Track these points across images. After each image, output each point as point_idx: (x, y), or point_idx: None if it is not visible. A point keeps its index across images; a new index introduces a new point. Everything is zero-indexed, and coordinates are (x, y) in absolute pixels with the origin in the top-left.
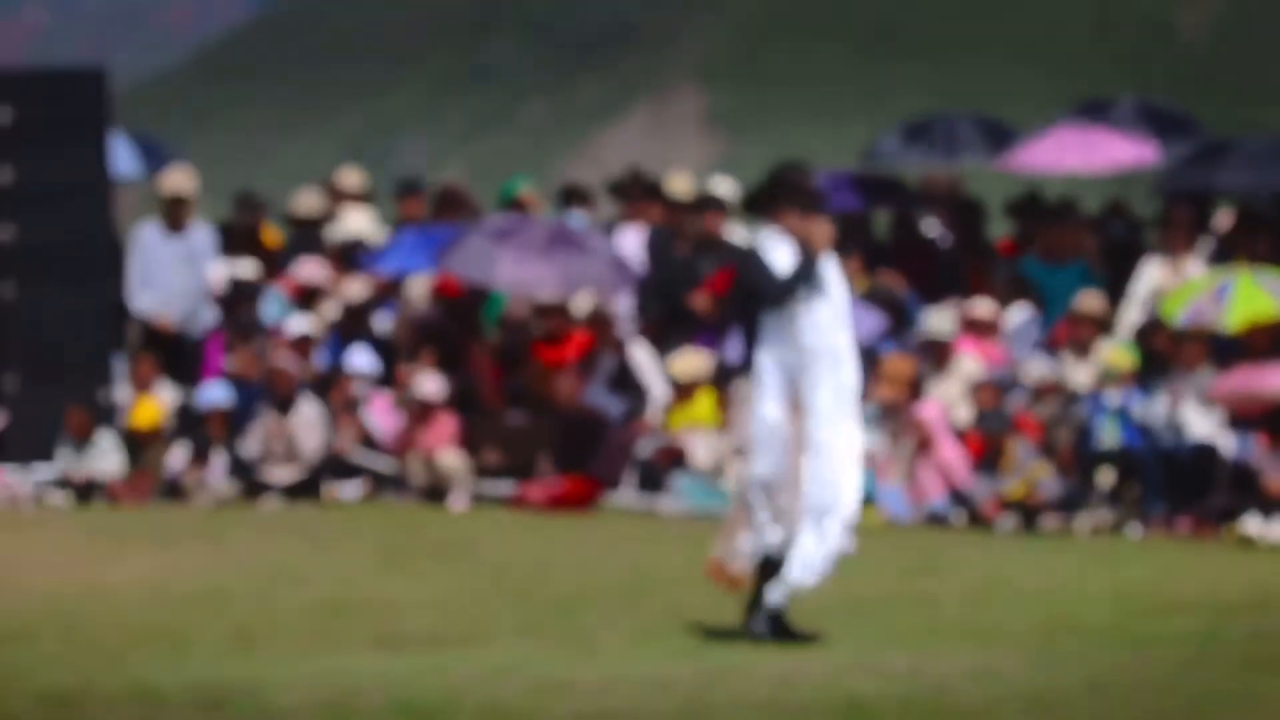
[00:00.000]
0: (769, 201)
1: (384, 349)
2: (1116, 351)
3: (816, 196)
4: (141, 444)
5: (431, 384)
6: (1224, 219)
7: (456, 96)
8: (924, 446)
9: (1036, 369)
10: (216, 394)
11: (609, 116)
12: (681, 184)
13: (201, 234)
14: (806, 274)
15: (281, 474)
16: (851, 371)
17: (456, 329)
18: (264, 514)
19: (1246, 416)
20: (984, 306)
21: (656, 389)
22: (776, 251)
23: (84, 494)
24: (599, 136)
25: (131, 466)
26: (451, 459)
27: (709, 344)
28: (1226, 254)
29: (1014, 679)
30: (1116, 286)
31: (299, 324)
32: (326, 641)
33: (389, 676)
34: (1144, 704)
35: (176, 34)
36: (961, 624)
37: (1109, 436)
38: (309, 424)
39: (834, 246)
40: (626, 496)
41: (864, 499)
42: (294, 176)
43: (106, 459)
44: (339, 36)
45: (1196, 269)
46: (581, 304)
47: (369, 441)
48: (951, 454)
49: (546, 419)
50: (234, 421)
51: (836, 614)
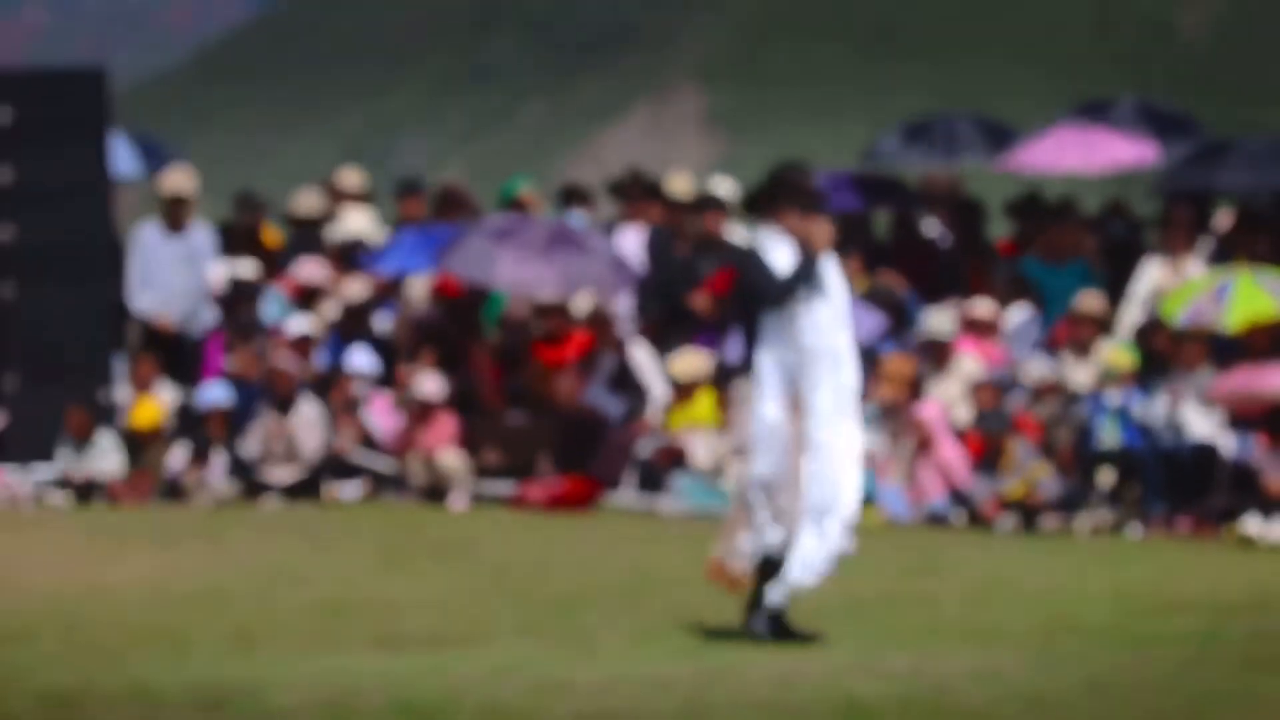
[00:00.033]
0: (769, 202)
1: (384, 349)
2: (1116, 351)
3: (817, 196)
4: (141, 444)
5: (431, 384)
6: (1224, 219)
7: (456, 96)
8: (924, 446)
9: (1036, 369)
10: (216, 394)
11: (609, 116)
12: (681, 184)
13: (201, 234)
14: (806, 274)
15: (281, 474)
16: (852, 372)
17: (456, 329)
18: (264, 514)
19: (1246, 416)
20: (984, 306)
21: (656, 389)
22: (776, 252)
23: (84, 494)
24: (599, 136)
25: (131, 466)
26: (451, 459)
27: (709, 344)
28: (1226, 254)
29: (1014, 679)
30: (1116, 286)
31: (299, 324)
32: (326, 641)
33: (389, 676)
34: (1144, 704)
35: (176, 34)
36: (961, 624)
37: (1109, 436)
38: (309, 424)
39: (834, 246)
40: (626, 496)
41: (864, 499)
42: (294, 176)
43: (106, 459)
44: (339, 36)
45: (1196, 269)
46: (581, 304)
47: (369, 441)
48: (951, 454)
49: (546, 419)
50: (234, 421)
51: (836, 614)
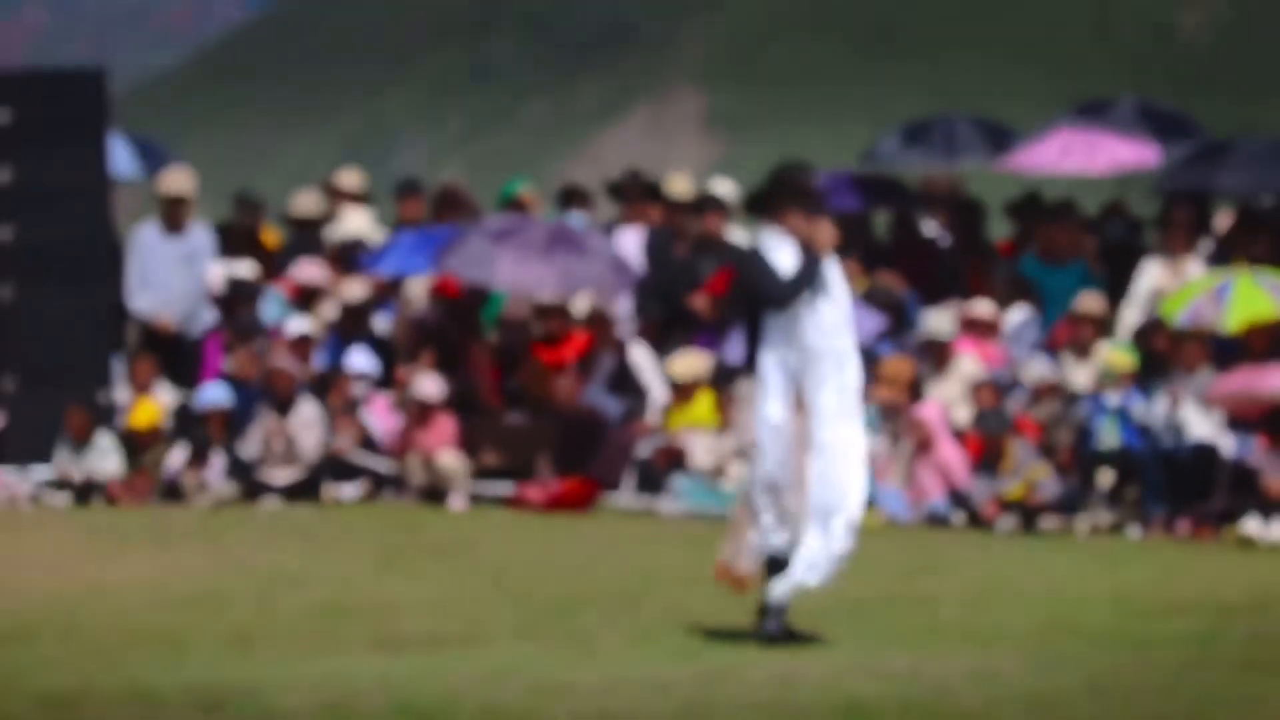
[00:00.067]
0: (772, 202)
1: (383, 350)
2: (1116, 352)
3: (820, 197)
4: (140, 445)
5: (431, 385)
6: (1223, 220)
7: (456, 96)
8: (923, 447)
9: (1036, 370)
10: (216, 395)
11: (608, 117)
12: (681, 185)
13: (200, 235)
14: (811, 275)
15: (281, 475)
16: (854, 372)
17: (456, 330)
18: (263, 515)
19: (1246, 417)
20: (983, 307)
21: (656, 390)
22: (779, 253)
23: (83, 495)
24: (598, 137)
25: (130, 467)
26: (451, 460)
27: (708, 345)
28: (1226, 255)
29: (1013, 680)
30: (1116, 287)
31: (298, 325)
32: (325, 643)
33: (388, 678)
34: (1144, 705)
35: (176, 34)
36: (961, 625)
37: (1109, 437)
38: (308, 425)
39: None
40: (626, 497)
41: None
42: (293, 177)
43: (105, 460)
44: (339, 36)
45: (1196, 270)
46: (581, 304)
47: (368, 442)
48: (951, 455)
49: (546, 420)
50: (233, 422)
51: (836, 615)
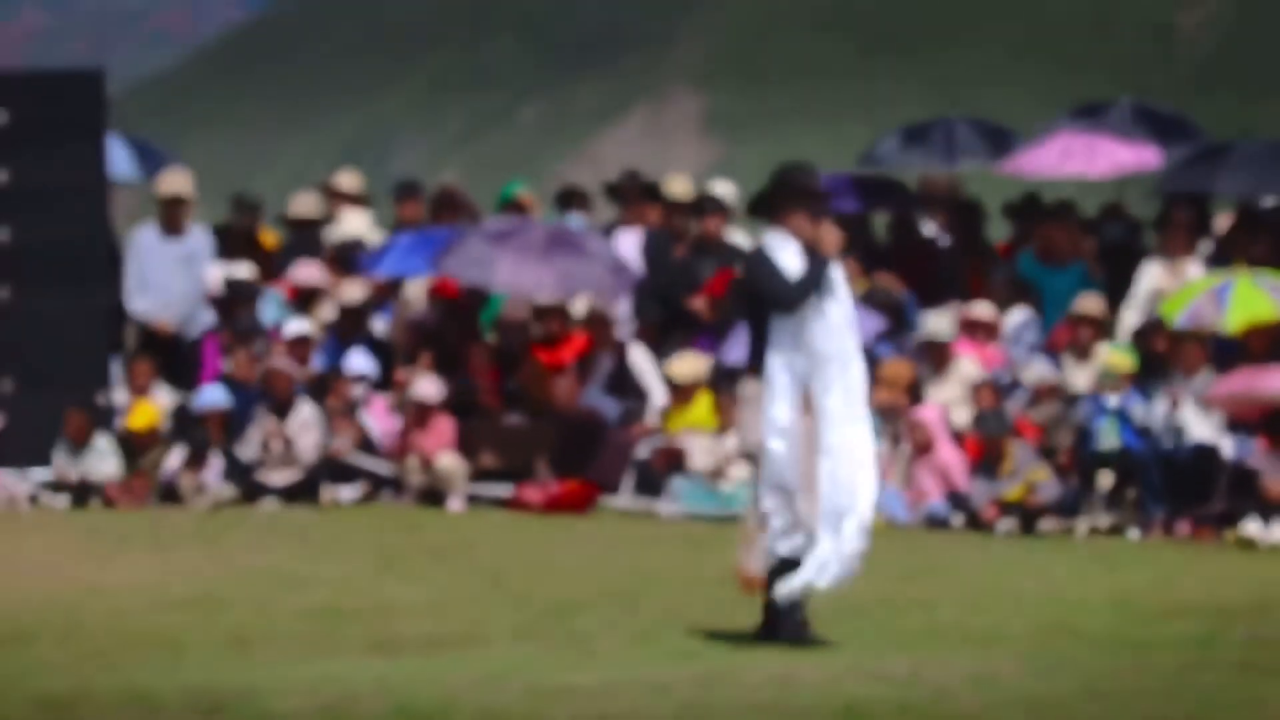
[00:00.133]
0: (776, 205)
1: (382, 351)
2: (1116, 353)
3: (824, 199)
4: (138, 447)
5: (429, 386)
6: (1223, 221)
7: (455, 98)
8: (923, 449)
9: (1035, 371)
10: (214, 396)
11: (607, 118)
12: (680, 186)
13: (199, 236)
14: (818, 278)
15: (279, 477)
16: (860, 374)
17: (454, 331)
18: (261, 517)
19: (1246, 419)
20: (983, 308)
21: (655, 391)
22: (784, 255)
23: (81, 497)
24: (597, 138)
25: (128, 469)
26: (449, 461)
27: (707, 346)
28: (1225, 256)
29: (1013, 683)
30: (1115, 288)
31: (296, 326)
32: (323, 646)
33: (386, 681)
34: (1144, 708)
35: (174, 35)
36: (960, 628)
37: (1108, 439)
38: (306, 426)
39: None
40: (624, 499)
41: None
42: (292, 178)
43: (104, 461)
44: (337, 37)
45: (1196, 271)
46: (579, 306)
47: (367, 444)
48: (950, 456)
49: (544, 421)
50: (231, 424)
51: (835, 617)
